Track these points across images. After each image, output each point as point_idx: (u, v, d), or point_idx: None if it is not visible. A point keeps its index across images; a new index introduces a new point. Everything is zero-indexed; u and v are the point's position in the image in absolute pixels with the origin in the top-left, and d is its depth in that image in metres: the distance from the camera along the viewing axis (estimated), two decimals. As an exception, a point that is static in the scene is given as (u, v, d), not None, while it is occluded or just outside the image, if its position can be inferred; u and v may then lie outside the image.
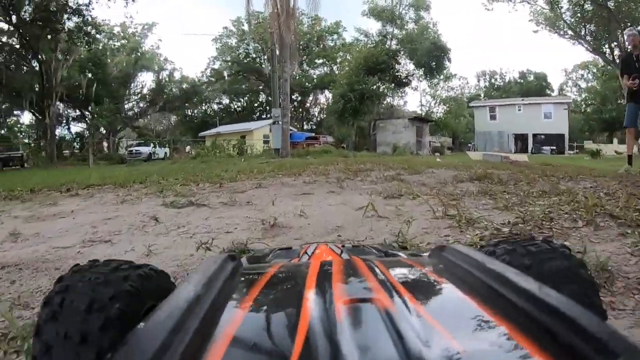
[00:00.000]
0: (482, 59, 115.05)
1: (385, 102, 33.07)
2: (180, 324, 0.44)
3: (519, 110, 37.70)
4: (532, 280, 0.53)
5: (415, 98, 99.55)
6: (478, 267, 0.61)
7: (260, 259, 1.27)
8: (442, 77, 41.55)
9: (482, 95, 57.68)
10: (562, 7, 26.90)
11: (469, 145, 41.99)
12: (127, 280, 0.73)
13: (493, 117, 38.81)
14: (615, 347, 0.37)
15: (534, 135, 36.55)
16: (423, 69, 32.53)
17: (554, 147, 34.56)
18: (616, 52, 26.47)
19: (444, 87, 53.94)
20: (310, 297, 0.56)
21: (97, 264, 0.78)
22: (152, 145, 31.59)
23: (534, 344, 0.41)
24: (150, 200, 4.13)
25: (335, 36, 45.09)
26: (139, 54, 39.09)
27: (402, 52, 32.16)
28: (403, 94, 41.40)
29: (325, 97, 47.64)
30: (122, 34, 38.72)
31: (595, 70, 52.04)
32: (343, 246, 1.38)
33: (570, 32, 28.02)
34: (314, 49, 44.65)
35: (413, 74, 34.74)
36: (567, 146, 35.84)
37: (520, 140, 37.60)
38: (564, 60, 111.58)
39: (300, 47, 36.15)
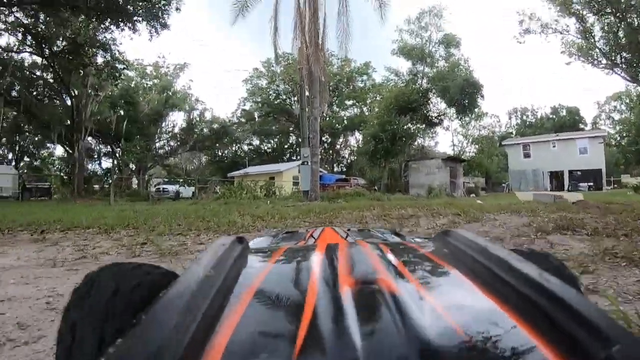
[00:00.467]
0: (512, 96, 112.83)
1: (416, 142, 32.24)
2: (191, 304, 0.45)
3: (553, 146, 36.45)
4: (534, 266, 0.55)
5: (447, 138, 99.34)
6: (481, 252, 0.63)
7: (267, 242, 1.27)
8: (473, 115, 40.54)
9: (514, 133, 56.55)
10: (595, 35, 25.75)
11: (503, 185, 40.62)
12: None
13: (527, 155, 37.61)
14: (613, 335, 0.38)
15: (570, 172, 35.02)
16: (455, 107, 31.56)
17: (592, 184, 32.81)
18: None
19: (475, 126, 52.97)
20: (316, 279, 0.58)
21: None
22: (178, 184, 31.22)
23: (534, 328, 0.42)
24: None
25: (365, 77, 45.05)
26: (170, 93, 39.58)
27: (433, 91, 31.32)
28: (434, 134, 40.62)
29: (355, 139, 47.38)
30: (154, 73, 39.51)
31: (628, 101, 50.30)
32: (349, 230, 1.40)
33: (604, 60, 26.75)
34: (343, 90, 44.55)
35: (445, 113, 33.83)
36: (604, 181, 34.15)
37: (555, 178, 36.21)
38: (596, 93, 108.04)
39: (330, 87, 35.97)
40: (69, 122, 25.39)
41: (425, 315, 0.45)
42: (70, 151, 27.00)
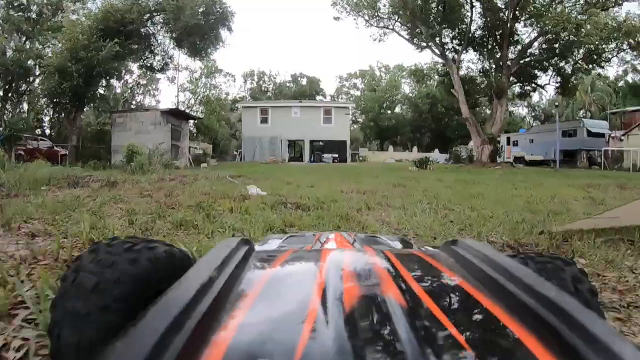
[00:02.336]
0: (249, 59, 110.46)
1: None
2: (192, 305, 0.45)
3: (295, 114, 33.52)
4: (539, 277, 0.56)
5: (170, 94, 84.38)
6: (488, 262, 0.63)
7: (273, 244, 1.28)
8: (206, 66, 33.95)
9: (248, 98, 52.48)
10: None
11: (235, 153, 36.38)
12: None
13: (264, 121, 33.66)
14: (618, 349, 0.38)
15: (312, 142, 33.34)
16: (187, 46, 24.01)
17: (336, 155, 31.83)
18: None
19: (206, 84, 46.55)
20: (320, 285, 0.58)
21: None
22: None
23: (538, 340, 0.42)
24: None
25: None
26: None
27: (159, 16, 22.57)
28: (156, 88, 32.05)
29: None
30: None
31: (373, 80, 54.19)
32: (356, 235, 1.40)
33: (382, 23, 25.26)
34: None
35: (171, 56, 25.81)
36: (349, 154, 33.76)
37: (293, 147, 34.90)
38: (338, 68, 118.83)
39: None
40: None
41: (430, 325, 0.45)
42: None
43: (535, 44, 23.21)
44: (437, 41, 23.83)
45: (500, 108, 23.35)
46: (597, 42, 19.00)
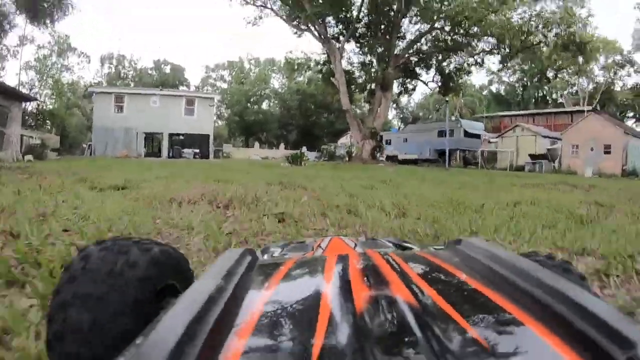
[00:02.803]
0: (108, 40, 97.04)
1: None
2: (201, 316, 0.45)
3: (154, 103, 29.14)
4: (547, 271, 0.56)
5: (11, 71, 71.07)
6: (494, 260, 0.63)
7: (274, 253, 1.25)
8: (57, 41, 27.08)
9: (104, 84, 45.38)
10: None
11: (84, 146, 31.25)
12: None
13: (119, 109, 28.91)
14: (633, 337, 0.38)
15: (171, 135, 29.78)
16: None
17: (197, 151, 28.89)
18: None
19: (57, 63, 38.51)
20: (329, 290, 0.58)
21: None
22: None
23: (550, 333, 0.42)
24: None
25: None
26: None
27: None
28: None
29: None
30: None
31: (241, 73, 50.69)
32: (357, 239, 1.37)
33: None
34: None
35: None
36: (212, 149, 30.49)
37: (151, 141, 31.51)
38: (205, 58, 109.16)
39: None
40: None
41: (445, 326, 0.44)
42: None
43: (423, 39, 22.55)
44: (321, 22, 21.70)
45: (385, 101, 22.11)
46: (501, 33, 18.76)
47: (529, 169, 24.39)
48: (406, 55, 22.82)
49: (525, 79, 49.02)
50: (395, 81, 24.33)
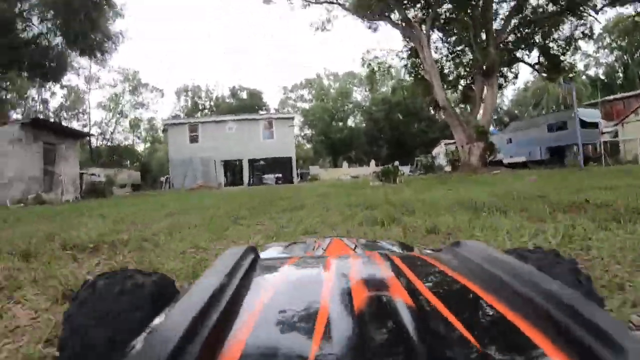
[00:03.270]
0: (182, 74, 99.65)
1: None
2: (204, 312, 0.46)
3: (230, 130, 27.80)
4: (544, 275, 0.56)
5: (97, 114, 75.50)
6: (492, 262, 0.63)
7: (276, 252, 1.26)
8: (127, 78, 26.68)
9: (183, 116, 45.59)
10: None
11: (162, 179, 30.58)
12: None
13: (194, 140, 27.76)
14: (624, 342, 0.38)
15: (251, 162, 28.53)
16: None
17: (280, 175, 27.56)
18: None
19: (130, 101, 39.38)
20: (329, 291, 0.59)
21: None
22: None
23: (545, 338, 0.43)
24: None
25: None
26: None
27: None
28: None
29: None
30: None
31: (321, 91, 48.83)
32: (357, 241, 1.37)
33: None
34: None
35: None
36: (295, 172, 28.07)
37: (231, 169, 30.11)
38: (282, 79, 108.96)
39: None
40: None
41: (443, 328, 0.45)
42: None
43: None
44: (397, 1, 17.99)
45: (490, 91, 17.39)
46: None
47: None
48: (507, 30, 18.12)
49: (625, 56, 41.88)
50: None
